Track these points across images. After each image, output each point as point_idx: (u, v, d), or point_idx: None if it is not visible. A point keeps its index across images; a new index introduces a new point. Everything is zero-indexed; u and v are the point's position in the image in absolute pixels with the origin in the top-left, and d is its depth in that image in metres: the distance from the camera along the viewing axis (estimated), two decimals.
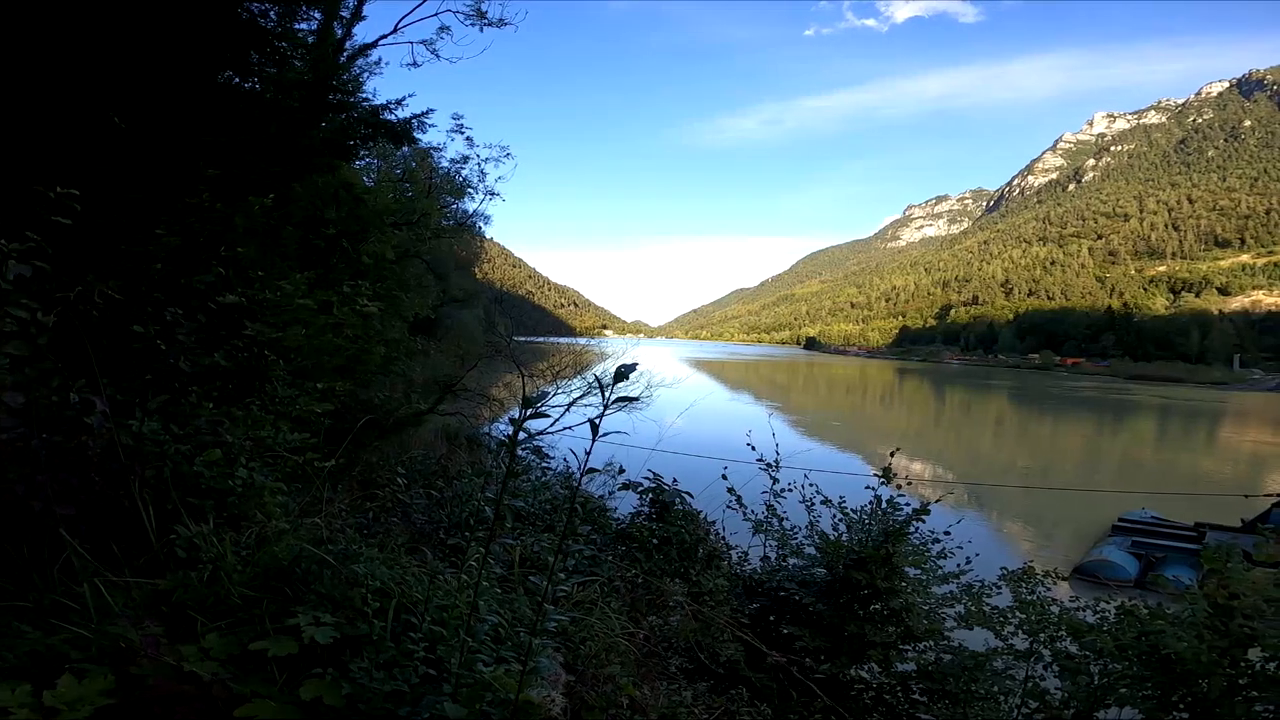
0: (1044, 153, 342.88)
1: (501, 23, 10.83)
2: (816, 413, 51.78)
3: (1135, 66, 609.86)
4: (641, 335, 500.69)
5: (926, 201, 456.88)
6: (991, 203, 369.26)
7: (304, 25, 9.19)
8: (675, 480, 3.79)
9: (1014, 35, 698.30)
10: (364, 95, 10.24)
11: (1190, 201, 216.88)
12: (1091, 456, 36.41)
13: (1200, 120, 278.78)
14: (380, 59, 11.16)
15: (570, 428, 9.13)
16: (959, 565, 4.18)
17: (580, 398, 8.72)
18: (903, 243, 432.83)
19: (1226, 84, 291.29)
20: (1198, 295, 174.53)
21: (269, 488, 2.08)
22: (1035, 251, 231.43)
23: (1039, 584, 4.21)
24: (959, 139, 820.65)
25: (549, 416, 8.90)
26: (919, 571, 4.01)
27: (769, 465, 4.49)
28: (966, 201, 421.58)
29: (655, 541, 3.53)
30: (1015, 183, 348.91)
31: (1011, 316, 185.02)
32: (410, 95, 10.20)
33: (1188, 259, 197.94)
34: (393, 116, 10.36)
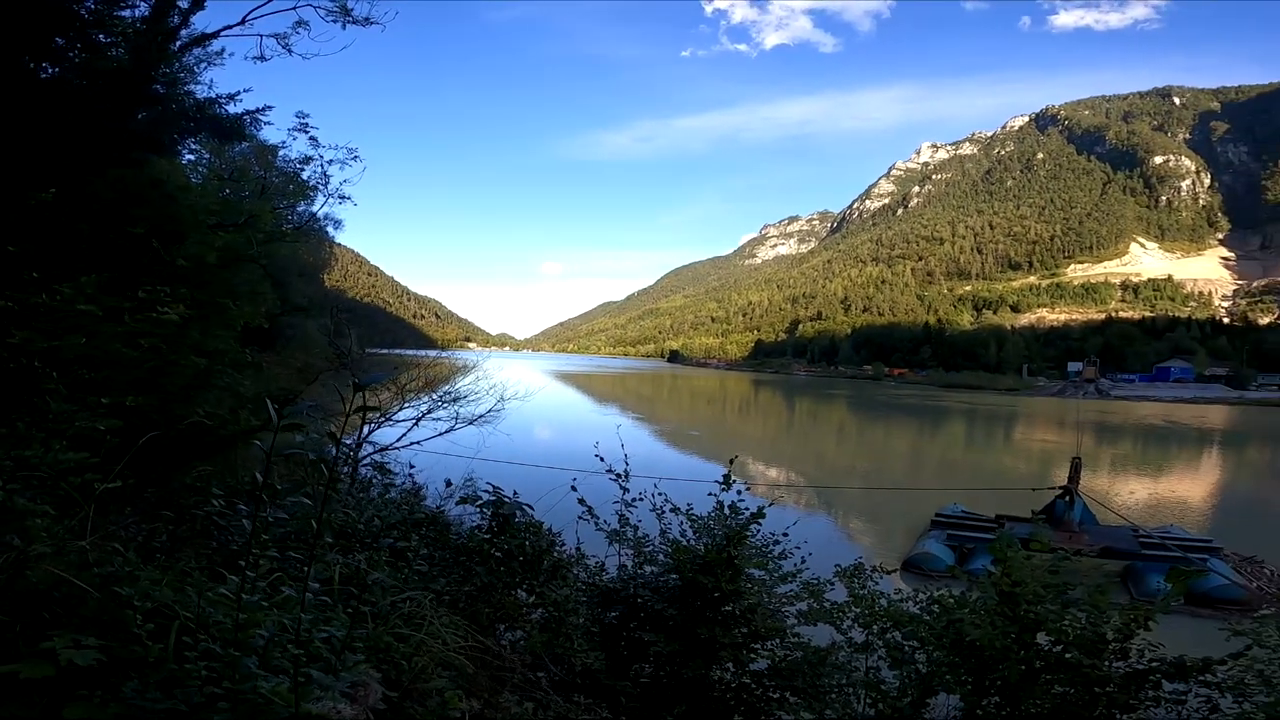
0: (879, 179, 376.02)
1: (368, 21, 10.26)
2: (678, 423, 53.63)
3: (957, 101, 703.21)
4: (507, 348, 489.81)
5: (780, 221, 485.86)
6: (835, 224, 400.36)
7: (129, 12, 8.25)
8: (516, 493, 3.77)
9: (863, 67, 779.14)
10: (187, 88, 9.27)
11: (991, 228, 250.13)
12: (916, 457, 40.84)
13: (1003, 152, 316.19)
14: (225, 49, 10.18)
15: (418, 443, 8.78)
16: (796, 565, 4.40)
17: (429, 412, 8.41)
18: (759, 260, 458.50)
19: (1027, 118, 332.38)
20: (995, 312, 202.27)
21: (31, 510, 1.85)
22: (869, 271, 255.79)
23: (869, 579, 4.48)
24: (811, 163, 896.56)
25: (377, 429, 8.52)
26: (763, 573, 4.16)
27: (618, 475, 4.58)
28: (815, 222, 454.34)
29: (499, 554, 3.50)
30: (855, 206, 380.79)
31: (850, 331, 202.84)
32: (246, 90, 9.34)
33: (988, 280, 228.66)
34: (224, 111, 9.43)
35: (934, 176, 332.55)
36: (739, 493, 4.18)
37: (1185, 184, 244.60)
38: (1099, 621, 3.43)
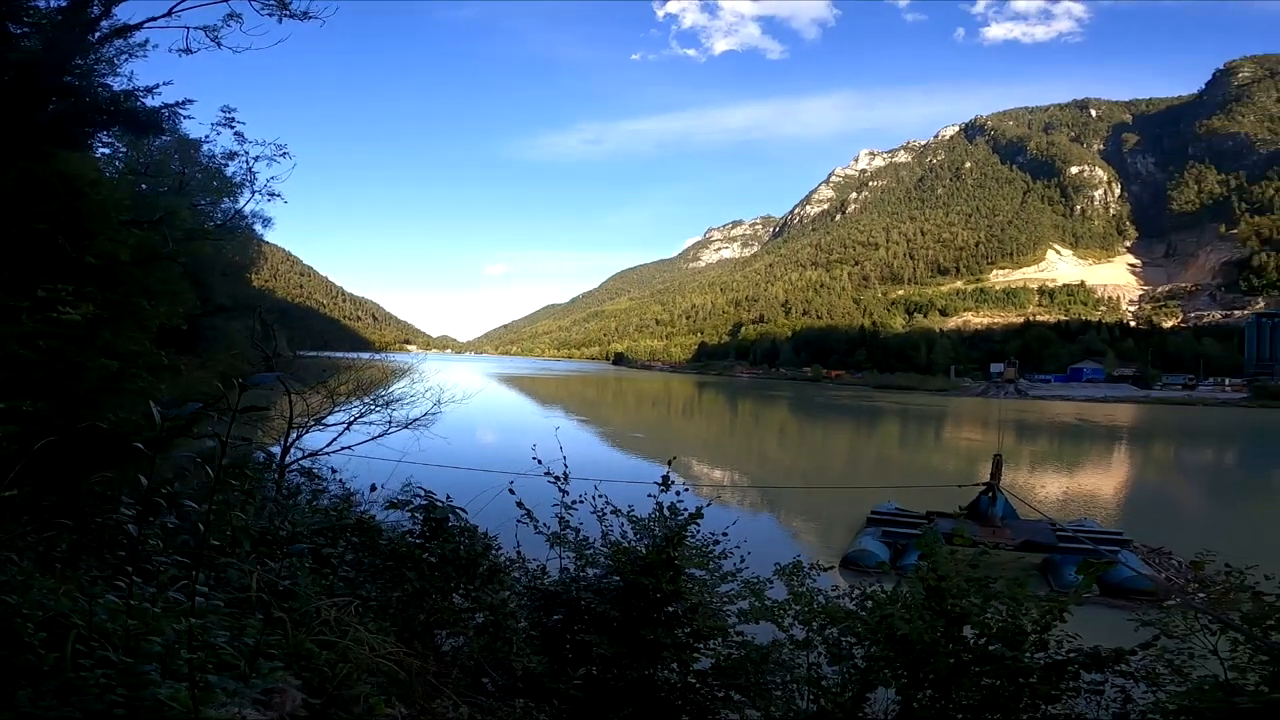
0: (820, 185, 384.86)
1: (306, 16, 9.84)
2: (623, 426, 53.73)
3: (895, 109, 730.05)
4: (449, 350, 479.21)
5: (724, 225, 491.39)
6: (778, 229, 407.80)
7: (45, 2, 7.87)
8: (449, 497, 3.71)
9: (808, 74, 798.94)
10: (104, 80, 8.72)
11: (923, 234, 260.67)
12: (854, 456, 42.17)
13: (935, 161, 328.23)
14: (149, 41, 9.60)
15: (349, 447, 8.50)
16: (736, 564, 4.45)
17: (361, 416, 8.15)
18: (703, 263, 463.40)
19: (957, 128, 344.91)
20: (925, 316, 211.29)
21: None
22: (809, 275, 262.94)
23: (807, 576, 4.52)
24: (755, 167, 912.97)
25: (305, 434, 8.21)
26: (704, 572, 4.20)
27: (557, 478, 4.56)
28: (757, 226, 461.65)
29: (434, 559, 3.44)
30: (797, 211, 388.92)
31: (790, 334, 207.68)
32: (167, 83, 8.87)
33: (919, 284, 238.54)
34: (141, 104, 8.90)
35: (871, 183, 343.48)
36: (678, 494, 4.19)
37: (1098, 194, 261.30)
38: (1017, 614, 3.59)
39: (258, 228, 33.21)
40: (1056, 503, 23.27)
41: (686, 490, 4.27)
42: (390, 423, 8.15)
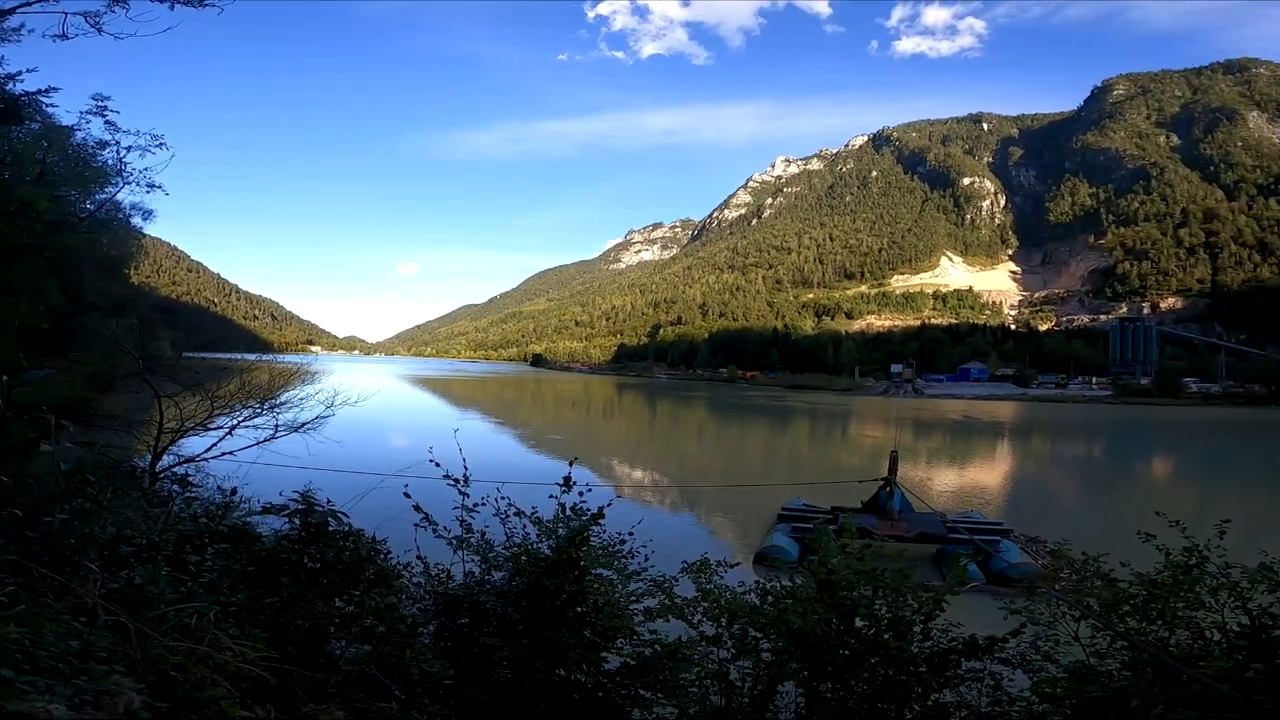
0: (738, 190, 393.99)
1: (202, 3, 9.16)
2: (541, 427, 53.14)
3: (810, 118, 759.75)
4: (356, 351, 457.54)
5: (645, 228, 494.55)
6: (696, 232, 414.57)
7: None
8: (330, 500, 3.58)
9: (730, 81, 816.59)
10: None
11: (831, 240, 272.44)
12: (768, 454, 43.61)
13: (845, 169, 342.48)
14: (24, 26, 8.65)
15: (232, 453, 7.99)
16: (641, 563, 4.50)
17: (247, 419, 7.67)
18: (623, 265, 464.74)
19: (866, 138, 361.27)
20: (833, 318, 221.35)
21: None
22: (725, 278, 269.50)
23: (714, 573, 4.58)
24: (676, 171, 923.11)
25: (180, 438, 7.67)
26: (610, 572, 4.21)
27: (456, 481, 4.49)
28: (677, 229, 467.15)
29: (317, 565, 3.32)
30: (715, 215, 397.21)
31: (707, 335, 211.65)
32: (31, 70, 8.13)
33: (828, 288, 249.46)
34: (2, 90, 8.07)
35: (786, 189, 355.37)
36: (581, 494, 4.21)
37: (986, 204, 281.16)
38: (901, 606, 3.78)
39: (137, 220, 30.44)
40: (947, 495, 24.94)
41: (589, 490, 4.28)
42: (278, 427, 7.70)
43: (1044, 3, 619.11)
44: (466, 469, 4.50)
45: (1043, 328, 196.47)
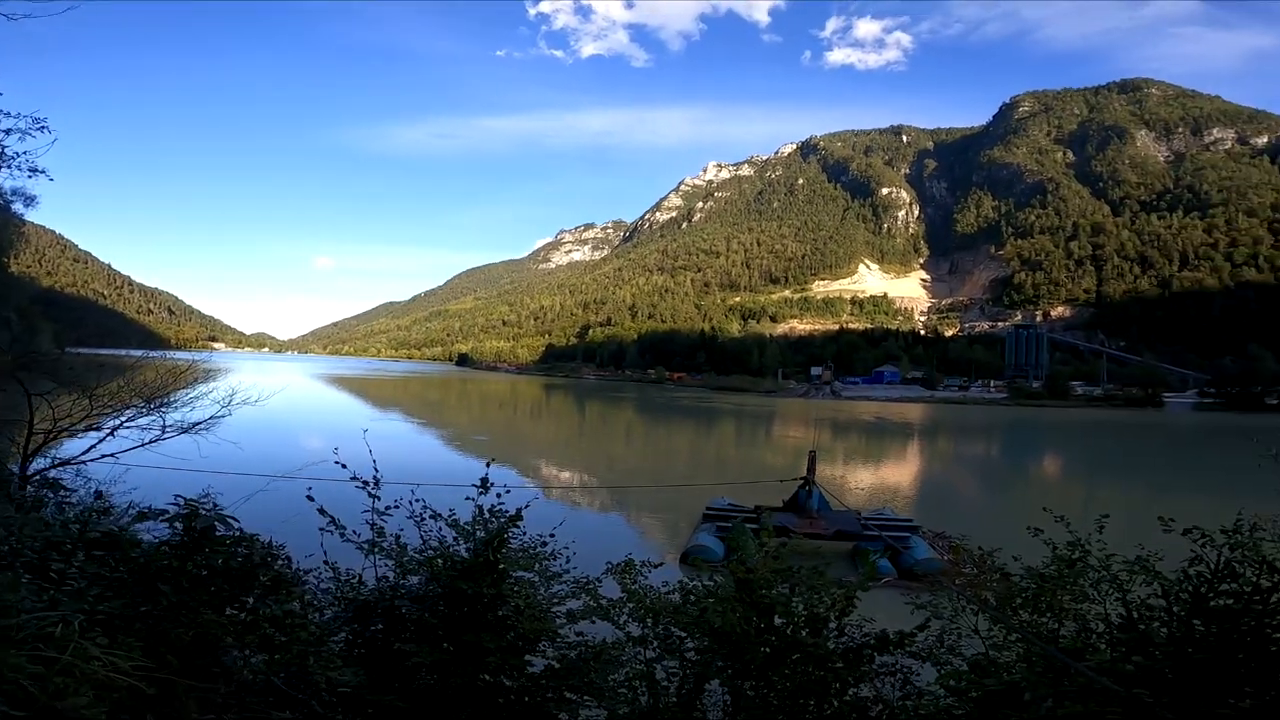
0: (669, 193, 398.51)
1: None
2: (465, 428, 51.88)
3: (742, 125, 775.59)
4: (266, 349, 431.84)
5: (576, 228, 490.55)
6: (628, 233, 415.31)
7: None
8: (216, 504, 3.37)
9: (667, 85, 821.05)
10: None
11: (759, 245, 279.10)
12: (695, 455, 44.21)
13: (774, 175, 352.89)
14: None
15: (114, 455, 7.37)
16: (563, 566, 4.45)
17: (131, 420, 7.09)
18: (553, 265, 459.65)
19: (794, 146, 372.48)
20: (758, 321, 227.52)
21: None
22: (655, 280, 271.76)
23: (639, 573, 4.58)
24: (609, 173, 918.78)
25: (54, 441, 7.06)
26: (531, 574, 4.15)
27: (366, 483, 4.32)
28: (609, 230, 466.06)
29: (203, 572, 3.13)
30: (647, 217, 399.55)
31: (636, 336, 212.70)
32: None
33: (754, 292, 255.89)
34: None
35: (717, 194, 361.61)
36: (499, 495, 4.12)
37: (902, 214, 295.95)
38: (816, 603, 3.87)
39: (18, 206, 27.89)
40: (862, 494, 26.08)
41: (508, 491, 4.20)
42: (165, 427, 7.14)
43: (965, 20, 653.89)
44: (377, 471, 4.32)
45: (948, 333, 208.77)
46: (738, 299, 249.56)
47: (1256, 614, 2.87)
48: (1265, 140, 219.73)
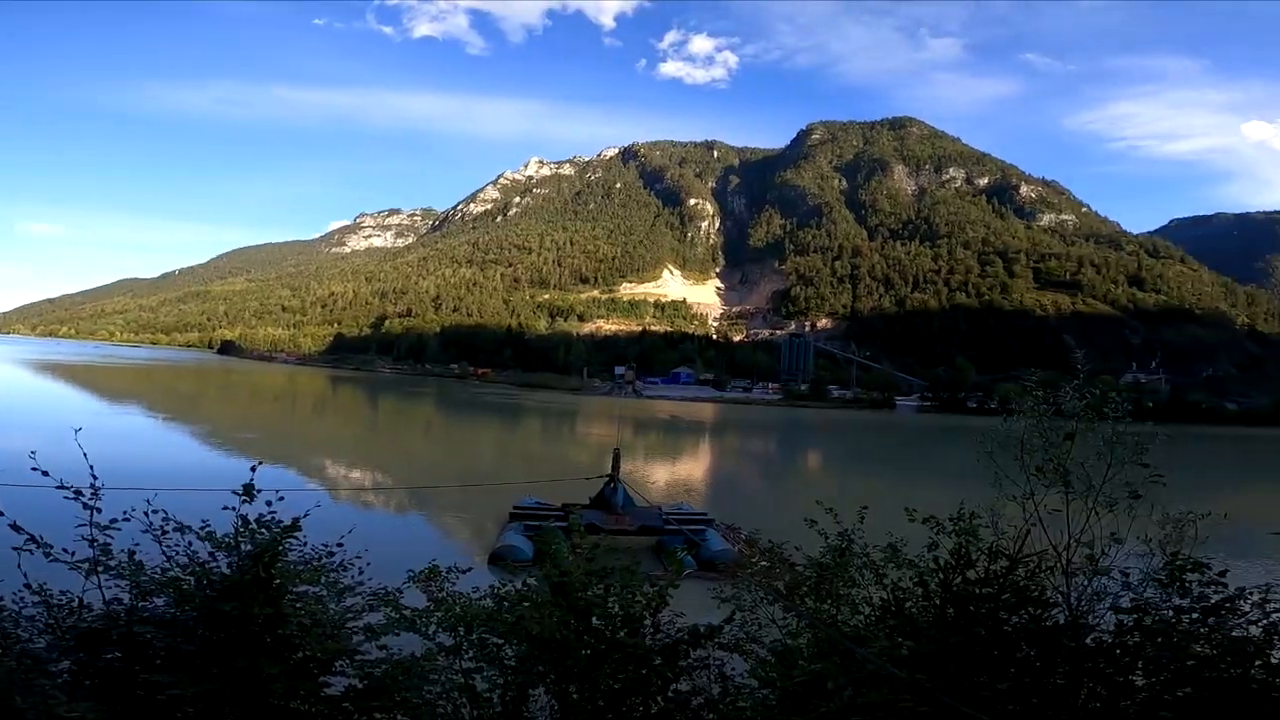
0: (487, 185, 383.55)
1: None
2: (228, 425, 44.98)
3: (569, 123, 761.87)
4: None
5: (380, 212, 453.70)
6: (437, 223, 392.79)
7: None
8: None
9: (501, 75, 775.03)
10: None
11: (572, 244, 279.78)
12: (502, 452, 43.15)
13: (594, 177, 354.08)
14: None
15: None
16: (355, 576, 4.08)
17: None
18: (348, 249, 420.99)
19: (617, 150, 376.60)
20: (566, 320, 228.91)
21: None
22: (463, 273, 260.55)
23: (446, 580, 4.34)
24: (426, 158, 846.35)
25: None
26: (317, 588, 3.75)
27: (79, 492, 3.49)
28: (416, 218, 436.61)
29: None
30: (460, 208, 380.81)
31: (439, 330, 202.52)
32: None
33: (563, 290, 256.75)
34: None
35: (535, 190, 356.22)
36: (269, 503, 3.63)
37: (704, 224, 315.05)
38: (631, 602, 3.86)
39: None
40: (662, 489, 27.45)
41: (281, 498, 3.69)
42: None
43: (784, 48, 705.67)
44: (96, 478, 3.53)
45: (737, 339, 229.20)
46: (547, 296, 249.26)
47: (991, 596, 3.38)
48: (986, 181, 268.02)
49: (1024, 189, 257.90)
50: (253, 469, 3.67)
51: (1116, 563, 3.69)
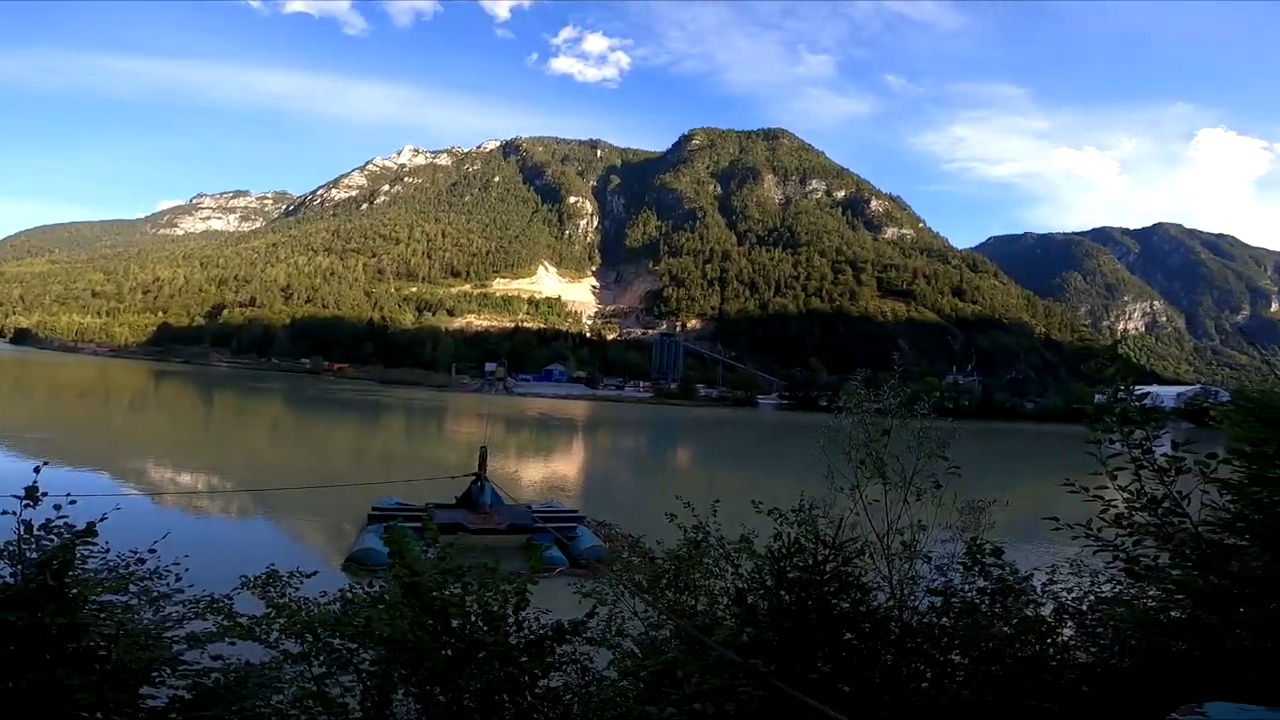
0: (353, 170, 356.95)
1: None
2: (19, 424, 38.40)
3: (448, 112, 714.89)
4: None
5: (223, 194, 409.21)
6: (292, 207, 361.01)
7: None
8: None
9: (378, 58, 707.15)
10: None
11: (444, 236, 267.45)
12: (358, 452, 40.55)
13: (472, 169, 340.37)
14: None
15: None
16: (172, 584, 3.85)
17: None
18: (181, 231, 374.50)
19: (498, 143, 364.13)
20: (435, 314, 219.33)
21: None
22: (320, 261, 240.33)
23: (288, 584, 4.14)
24: (283, 139, 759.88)
25: None
26: (125, 596, 3.52)
27: None
28: (267, 201, 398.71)
29: None
30: (320, 193, 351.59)
31: (289, 321, 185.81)
32: None
33: (432, 284, 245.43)
34: None
35: (408, 179, 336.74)
36: (57, 507, 3.35)
37: (583, 223, 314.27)
38: (490, 600, 3.85)
39: None
40: (533, 487, 27.28)
41: (74, 502, 3.40)
42: None
43: (673, 53, 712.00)
44: None
45: (610, 337, 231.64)
46: (415, 289, 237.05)
47: (819, 583, 3.74)
48: (843, 194, 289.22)
49: (874, 203, 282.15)
50: (36, 470, 3.34)
51: (932, 549, 4.22)
